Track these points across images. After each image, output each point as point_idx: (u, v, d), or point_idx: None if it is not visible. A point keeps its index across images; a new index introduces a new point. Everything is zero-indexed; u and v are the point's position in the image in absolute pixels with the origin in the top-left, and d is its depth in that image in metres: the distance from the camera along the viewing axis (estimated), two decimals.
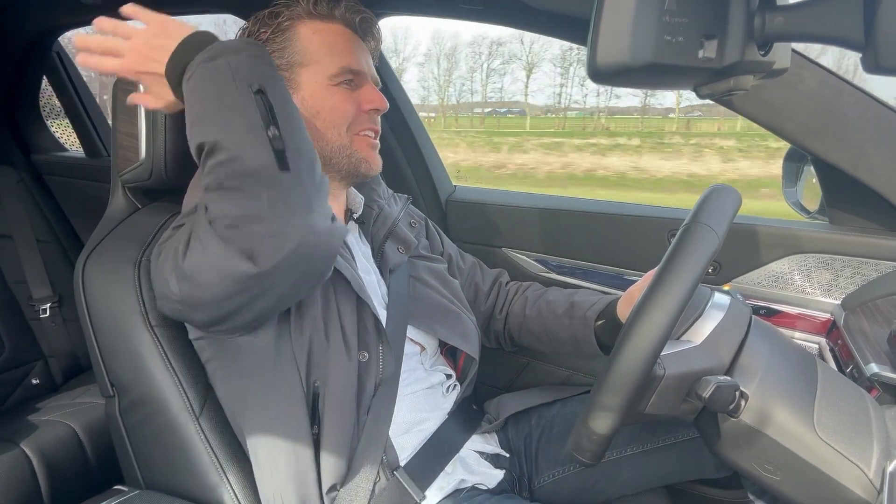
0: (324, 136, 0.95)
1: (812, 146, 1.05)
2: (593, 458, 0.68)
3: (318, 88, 0.95)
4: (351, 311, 0.91)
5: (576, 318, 1.09)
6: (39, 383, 1.69)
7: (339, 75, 0.95)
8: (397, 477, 0.91)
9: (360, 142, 0.98)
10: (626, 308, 1.01)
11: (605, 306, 1.06)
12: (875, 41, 0.42)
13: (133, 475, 1.01)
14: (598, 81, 0.47)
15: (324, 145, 0.95)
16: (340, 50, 0.96)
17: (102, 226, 1.04)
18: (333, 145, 0.96)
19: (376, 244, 1.05)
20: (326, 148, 0.96)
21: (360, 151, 0.98)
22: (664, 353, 0.69)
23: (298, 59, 0.95)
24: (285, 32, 0.95)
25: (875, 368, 0.83)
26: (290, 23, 0.96)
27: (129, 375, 0.96)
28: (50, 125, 2.17)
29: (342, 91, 0.96)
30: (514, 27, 1.33)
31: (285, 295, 0.78)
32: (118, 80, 0.98)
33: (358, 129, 0.97)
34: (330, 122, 0.95)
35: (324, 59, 0.95)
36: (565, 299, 1.14)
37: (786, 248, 1.18)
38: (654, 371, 0.67)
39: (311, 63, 0.95)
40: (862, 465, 0.65)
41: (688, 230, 0.69)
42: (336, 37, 0.97)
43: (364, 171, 1.00)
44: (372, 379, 0.91)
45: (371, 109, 0.98)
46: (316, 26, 0.96)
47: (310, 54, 0.95)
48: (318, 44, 0.95)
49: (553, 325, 1.13)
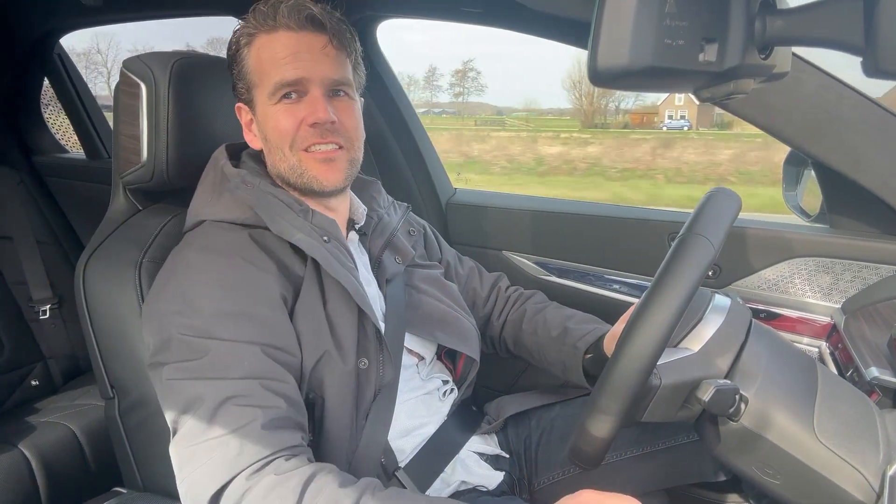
0: (274, 157, 0.93)
1: (812, 149, 1.06)
2: (592, 463, 0.68)
3: (263, 108, 0.91)
4: (350, 320, 0.90)
5: (567, 345, 1.09)
6: (39, 385, 1.68)
7: (274, 93, 0.89)
8: (397, 478, 0.91)
9: (308, 159, 0.91)
10: (612, 344, 1.01)
11: (595, 339, 1.06)
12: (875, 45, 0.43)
13: (132, 477, 1.01)
14: (598, 84, 0.47)
15: (279, 163, 0.93)
16: (277, 62, 0.89)
17: (103, 227, 1.04)
18: (285, 164, 0.92)
19: (374, 254, 1.04)
20: (281, 168, 0.93)
21: (310, 169, 0.91)
22: (661, 363, 0.69)
23: (253, 79, 0.92)
24: (241, 56, 0.92)
25: (875, 372, 0.83)
26: (244, 44, 0.91)
27: (130, 377, 0.96)
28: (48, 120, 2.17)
29: (283, 108, 0.90)
30: (514, 30, 1.34)
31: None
32: (119, 81, 0.99)
33: (303, 144, 0.91)
34: (275, 144, 0.92)
35: (265, 76, 0.90)
36: (561, 322, 1.13)
37: (786, 252, 1.18)
38: (649, 381, 0.67)
39: (260, 83, 0.91)
40: (862, 469, 0.65)
41: (683, 241, 0.69)
42: (276, 46, 0.89)
43: (317, 189, 0.93)
44: (371, 385, 0.91)
45: (313, 122, 0.89)
46: (261, 41, 0.90)
47: (258, 73, 0.91)
48: (263, 60, 0.90)
49: (546, 345, 1.13)
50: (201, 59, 1.04)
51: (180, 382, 0.77)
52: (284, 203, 0.91)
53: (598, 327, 1.10)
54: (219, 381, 0.76)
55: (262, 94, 0.91)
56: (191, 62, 1.00)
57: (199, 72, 1.02)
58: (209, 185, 0.95)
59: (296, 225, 0.89)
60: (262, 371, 0.78)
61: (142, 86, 0.96)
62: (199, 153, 0.99)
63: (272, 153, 0.94)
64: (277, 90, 0.89)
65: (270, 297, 0.85)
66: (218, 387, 0.75)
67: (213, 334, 0.79)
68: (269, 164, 0.96)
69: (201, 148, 1.00)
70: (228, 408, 0.74)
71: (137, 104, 0.96)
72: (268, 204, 0.90)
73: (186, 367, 0.78)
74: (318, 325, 0.87)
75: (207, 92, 1.03)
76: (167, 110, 0.96)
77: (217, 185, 0.94)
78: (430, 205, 1.65)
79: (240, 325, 0.80)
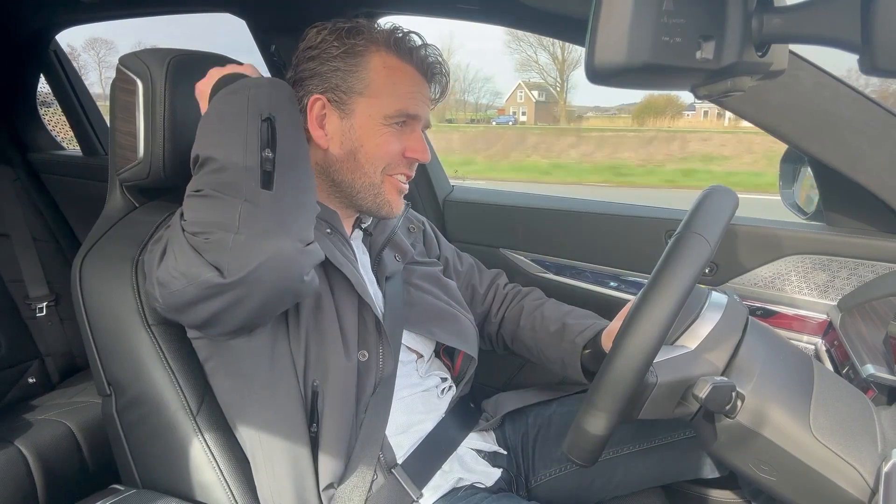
0: (360, 168, 0.95)
1: (809, 147, 1.06)
2: (588, 459, 0.69)
3: (369, 122, 0.94)
4: (352, 310, 0.92)
5: (566, 340, 1.09)
6: (36, 382, 1.68)
7: (394, 117, 0.94)
8: (394, 475, 0.91)
9: (390, 184, 0.97)
10: (609, 341, 1.01)
11: (593, 335, 1.07)
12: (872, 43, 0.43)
13: (130, 474, 1.01)
14: (595, 82, 0.47)
15: (356, 177, 0.95)
16: (404, 93, 0.94)
17: (100, 224, 1.03)
18: (365, 181, 0.96)
19: (374, 252, 1.05)
20: (358, 181, 0.96)
21: (387, 193, 0.97)
22: (657, 361, 0.69)
23: (361, 87, 0.93)
24: (357, 57, 0.93)
25: (871, 369, 0.83)
26: (365, 48, 0.93)
27: (127, 374, 0.96)
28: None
29: (391, 131, 0.94)
30: (512, 27, 1.34)
31: (260, 308, 0.78)
32: (115, 78, 0.98)
33: (393, 171, 0.97)
34: (370, 158, 0.95)
35: (385, 96, 0.93)
36: (559, 318, 1.13)
37: (783, 250, 1.18)
38: (646, 379, 0.68)
39: (371, 95, 0.93)
40: (858, 466, 0.65)
41: (680, 239, 0.69)
42: (405, 77, 0.95)
43: (385, 214, 0.99)
44: (371, 378, 0.92)
45: (412, 157, 0.97)
46: (390, 61, 0.94)
47: (373, 87, 0.93)
48: (385, 80, 0.93)
49: (544, 342, 1.13)
50: (198, 56, 1.03)
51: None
52: None
53: (596, 323, 1.10)
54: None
55: (373, 108, 0.93)
56: (188, 59, 1.00)
57: (196, 68, 1.01)
58: None
59: None
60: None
61: (138, 82, 0.95)
62: None
63: (355, 165, 0.95)
64: (398, 115, 0.94)
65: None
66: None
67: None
68: (337, 170, 0.96)
69: None
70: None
71: (134, 101, 0.96)
72: None
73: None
74: (326, 314, 0.89)
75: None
76: (164, 107, 0.96)
77: None
78: (427, 202, 1.65)
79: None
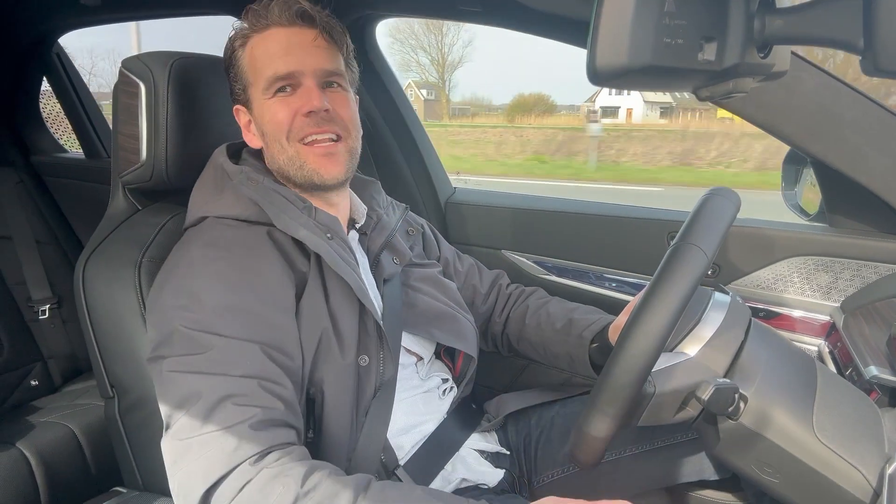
0: (273, 150, 0.94)
1: (811, 148, 1.06)
2: (590, 461, 0.69)
3: (260, 104, 0.93)
4: (351, 315, 0.91)
5: (572, 335, 1.09)
6: (38, 385, 1.68)
7: (269, 87, 0.91)
8: (396, 476, 0.91)
9: (306, 151, 0.92)
10: (616, 335, 1.01)
11: (601, 328, 1.07)
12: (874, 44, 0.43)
13: (132, 477, 1.01)
14: (597, 83, 0.47)
15: (278, 158, 0.94)
16: (269, 58, 0.91)
17: (102, 227, 1.04)
18: (284, 157, 0.93)
19: (372, 254, 1.04)
20: (281, 160, 0.94)
21: (309, 162, 0.92)
22: (656, 369, 0.69)
23: (248, 81, 0.94)
24: (236, 62, 0.94)
25: (874, 371, 0.83)
26: (240, 46, 0.94)
27: (130, 377, 0.96)
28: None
29: (278, 101, 0.91)
30: (513, 29, 1.33)
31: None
32: (118, 81, 0.99)
33: (300, 135, 0.91)
34: (273, 134, 0.93)
35: (259, 73, 0.92)
36: (565, 314, 1.13)
37: (785, 251, 1.18)
38: (644, 389, 0.68)
39: (254, 81, 0.93)
40: (861, 468, 0.65)
41: (676, 251, 0.68)
42: (269, 44, 0.91)
43: (318, 182, 0.94)
44: (372, 382, 0.91)
45: (308, 112, 0.91)
46: (255, 41, 0.92)
47: (252, 73, 0.93)
48: (254, 59, 0.92)
49: (551, 338, 1.13)
50: (200, 58, 1.04)
51: (180, 376, 0.77)
52: (288, 199, 0.92)
53: (603, 317, 1.10)
54: (219, 377, 0.76)
55: (258, 91, 0.92)
56: (190, 62, 1.00)
57: (199, 71, 1.02)
58: (209, 182, 0.96)
59: (300, 221, 0.89)
60: (262, 371, 0.78)
61: (141, 85, 0.96)
62: (199, 152, 0.99)
63: (271, 147, 0.94)
64: (272, 84, 0.91)
65: (274, 294, 0.85)
66: (217, 383, 0.76)
67: (216, 330, 0.79)
68: (268, 159, 0.97)
69: (200, 147, 1.00)
70: (226, 405, 0.74)
71: (136, 104, 0.96)
72: (272, 200, 0.91)
73: (187, 362, 0.78)
74: (321, 320, 0.88)
75: (207, 91, 1.03)
76: (166, 110, 0.96)
77: (218, 182, 0.94)
78: (429, 204, 1.65)
79: (242, 322, 0.80)
